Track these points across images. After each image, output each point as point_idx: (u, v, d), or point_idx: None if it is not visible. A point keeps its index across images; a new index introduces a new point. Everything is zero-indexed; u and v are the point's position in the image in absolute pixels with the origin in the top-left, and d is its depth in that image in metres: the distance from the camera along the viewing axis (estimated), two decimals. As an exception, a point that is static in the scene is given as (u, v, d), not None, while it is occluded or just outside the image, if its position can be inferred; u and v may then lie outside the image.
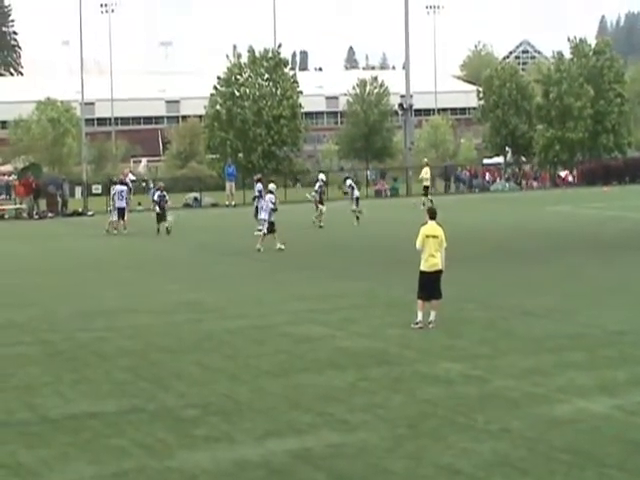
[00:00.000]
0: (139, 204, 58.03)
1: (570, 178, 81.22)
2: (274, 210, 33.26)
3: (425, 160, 59.89)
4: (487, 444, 11.09)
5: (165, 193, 41.50)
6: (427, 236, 18.12)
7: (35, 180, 57.61)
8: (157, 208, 40.95)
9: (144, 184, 60.73)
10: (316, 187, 43.88)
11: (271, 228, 32.95)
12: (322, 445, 11.24)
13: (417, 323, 17.93)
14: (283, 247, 32.56)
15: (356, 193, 44.55)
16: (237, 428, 11.98)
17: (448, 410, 12.51)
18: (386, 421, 12.12)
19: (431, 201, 50.63)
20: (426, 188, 53.85)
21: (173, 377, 14.72)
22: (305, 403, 13.04)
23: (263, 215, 33.70)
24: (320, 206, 42.70)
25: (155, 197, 41.86)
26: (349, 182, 46.33)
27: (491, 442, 11.17)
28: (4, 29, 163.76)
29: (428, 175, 54.10)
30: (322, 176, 45.61)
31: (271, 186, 34.94)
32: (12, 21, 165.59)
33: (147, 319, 20.06)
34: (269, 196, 33.87)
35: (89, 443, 11.49)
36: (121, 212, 42.15)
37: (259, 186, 41.51)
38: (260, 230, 34.40)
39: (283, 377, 14.56)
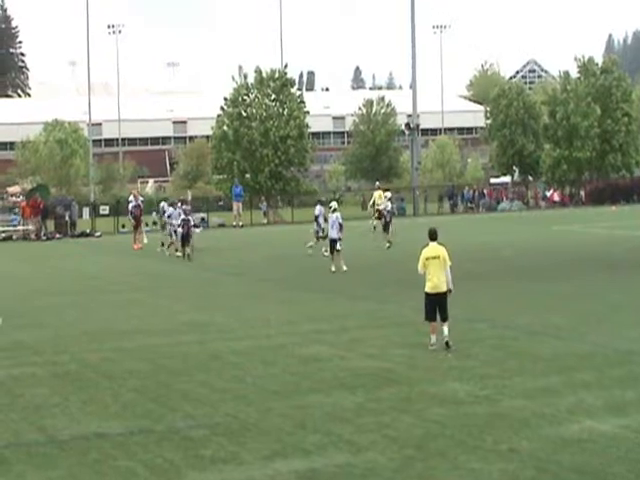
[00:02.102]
0: (146, 224, 57.83)
1: (556, 197, 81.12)
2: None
3: (377, 184, 60.29)
4: (496, 464, 11.05)
5: (190, 217, 40.93)
6: (427, 258, 18.02)
7: (43, 201, 57.67)
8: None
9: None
10: (382, 207, 42.32)
11: (332, 247, 32.68)
12: (329, 465, 11.21)
13: (432, 345, 17.80)
14: (345, 268, 32.16)
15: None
16: (244, 448, 11.96)
17: (456, 430, 12.48)
18: (394, 441, 12.08)
19: (375, 226, 50.52)
20: (379, 212, 53.67)
21: (181, 398, 14.71)
22: (312, 423, 13.01)
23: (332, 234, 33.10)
24: (377, 220, 40.57)
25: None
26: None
27: (500, 462, 11.13)
28: (11, 50, 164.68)
29: (381, 199, 54.08)
30: (388, 194, 45.14)
31: (333, 204, 34.49)
32: (19, 42, 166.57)
33: (155, 340, 20.06)
34: (336, 215, 33.48)
35: (97, 464, 11.48)
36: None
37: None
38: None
39: (290, 397, 14.53)
